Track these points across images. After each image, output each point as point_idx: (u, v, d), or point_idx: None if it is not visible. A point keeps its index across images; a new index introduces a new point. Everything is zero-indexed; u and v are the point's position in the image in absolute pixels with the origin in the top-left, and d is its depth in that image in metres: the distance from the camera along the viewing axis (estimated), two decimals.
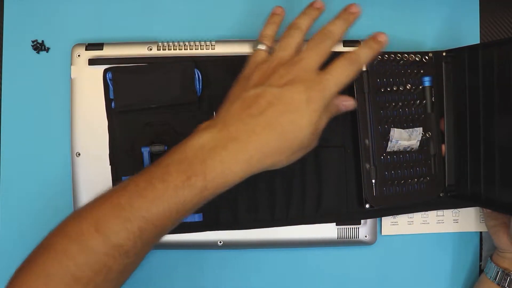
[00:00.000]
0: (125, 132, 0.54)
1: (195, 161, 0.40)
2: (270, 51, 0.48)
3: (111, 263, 0.39)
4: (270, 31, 0.49)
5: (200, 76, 0.54)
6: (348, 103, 0.48)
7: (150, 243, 0.42)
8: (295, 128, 0.42)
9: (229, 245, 0.56)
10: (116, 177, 0.54)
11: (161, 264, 0.58)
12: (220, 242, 0.56)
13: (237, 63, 0.54)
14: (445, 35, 0.61)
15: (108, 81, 0.53)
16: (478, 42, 0.61)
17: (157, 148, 0.53)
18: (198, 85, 0.54)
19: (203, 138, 0.41)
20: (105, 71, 0.54)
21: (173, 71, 0.53)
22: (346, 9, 0.47)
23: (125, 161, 0.54)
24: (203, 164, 0.40)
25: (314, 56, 0.44)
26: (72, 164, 0.55)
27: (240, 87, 0.45)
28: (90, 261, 0.39)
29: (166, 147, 0.53)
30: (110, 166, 0.55)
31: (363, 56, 0.45)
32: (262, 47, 0.48)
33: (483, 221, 0.59)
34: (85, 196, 0.55)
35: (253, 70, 0.46)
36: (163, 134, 0.54)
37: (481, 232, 0.60)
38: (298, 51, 0.46)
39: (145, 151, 0.53)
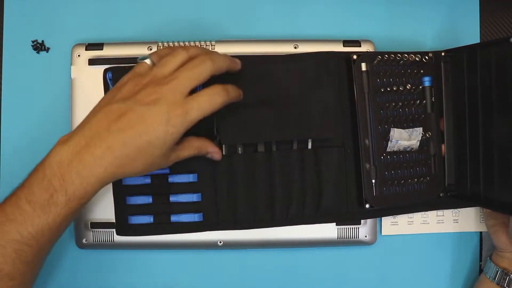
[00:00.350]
0: None
1: (55, 178, 0.42)
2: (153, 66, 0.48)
3: None
4: (163, 52, 0.48)
5: None
6: (215, 155, 0.51)
7: (33, 261, 0.44)
8: (150, 148, 0.43)
9: (229, 245, 0.56)
10: None
11: (161, 264, 0.58)
12: (220, 242, 0.56)
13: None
14: (445, 35, 0.61)
15: (108, 81, 0.53)
16: (478, 42, 0.61)
17: None
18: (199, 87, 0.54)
19: (60, 154, 0.43)
20: (105, 71, 0.54)
21: None
22: (233, 59, 0.50)
23: None
24: (62, 180, 0.42)
25: (186, 79, 0.44)
26: None
27: (108, 97, 0.46)
28: None
29: None
30: None
31: (231, 91, 0.47)
32: (147, 61, 0.47)
33: (483, 221, 0.59)
34: None
35: (127, 82, 0.46)
36: None
37: (481, 232, 0.60)
38: (176, 71, 0.46)
39: None
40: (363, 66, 0.52)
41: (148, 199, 0.54)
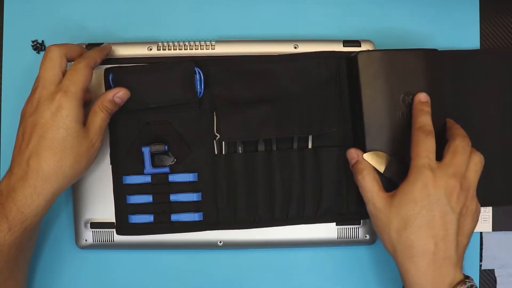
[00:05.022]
0: (126, 132, 0.54)
1: None
2: None
3: None
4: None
5: (202, 76, 0.54)
6: (120, 93, 0.51)
7: None
8: (58, 142, 0.47)
9: (229, 245, 0.56)
10: (117, 177, 0.55)
11: (161, 264, 0.58)
12: (220, 242, 0.56)
13: (238, 63, 0.54)
14: (445, 35, 0.60)
15: (110, 81, 0.53)
16: (478, 42, 0.61)
17: (157, 147, 0.53)
18: (200, 85, 0.54)
19: (1, 185, 0.48)
20: (107, 71, 0.53)
21: (174, 72, 0.53)
22: (100, 48, 0.53)
23: (126, 160, 0.54)
24: (2, 208, 0.47)
25: (49, 71, 0.48)
26: None
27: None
28: None
29: (166, 147, 0.53)
30: (110, 166, 0.55)
31: (91, 56, 0.50)
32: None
33: (484, 221, 0.59)
34: (84, 196, 0.55)
35: (25, 110, 0.50)
36: (164, 134, 0.54)
37: (481, 232, 0.60)
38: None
39: (146, 150, 0.53)
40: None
41: (149, 198, 0.54)
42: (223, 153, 0.54)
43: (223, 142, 0.54)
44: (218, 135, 0.54)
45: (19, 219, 0.47)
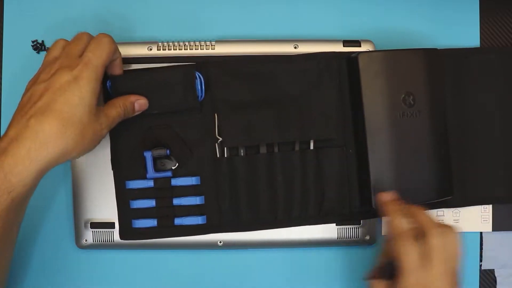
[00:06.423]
0: (127, 137, 0.54)
1: None
2: None
3: None
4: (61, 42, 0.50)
5: (202, 80, 0.53)
6: (141, 101, 0.51)
7: None
8: (69, 107, 0.44)
9: (229, 245, 0.56)
10: (119, 182, 0.54)
11: (161, 264, 0.58)
12: (220, 242, 0.56)
13: (238, 64, 0.54)
14: (446, 34, 0.60)
15: (108, 89, 0.52)
16: (478, 41, 0.61)
17: (159, 151, 0.53)
18: (201, 88, 0.53)
19: None
20: (104, 79, 0.51)
21: (174, 77, 0.53)
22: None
23: (128, 165, 0.54)
24: None
25: (77, 46, 0.47)
26: (72, 168, 0.55)
27: (25, 91, 0.47)
28: None
29: (168, 151, 0.53)
30: (112, 170, 0.54)
31: (108, 39, 0.48)
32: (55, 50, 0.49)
33: (484, 221, 0.59)
34: (84, 196, 0.55)
35: (40, 72, 0.48)
36: (165, 138, 0.54)
37: (481, 232, 0.60)
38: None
39: (148, 155, 0.53)
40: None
41: (152, 203, 0.54)
42: (225, 156, 0.54)
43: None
44: (220, 138, 0.54)
45: (5, 188, 0.42)
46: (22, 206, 0.47)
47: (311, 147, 0.55)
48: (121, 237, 0.55)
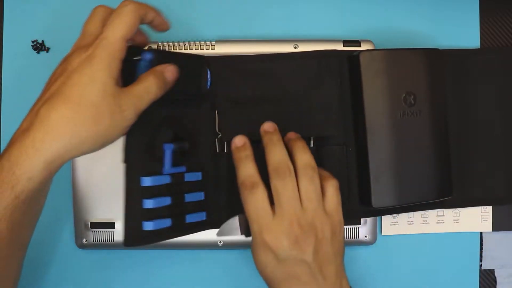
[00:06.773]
0: (140, 128, 0.47)
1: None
2: None
3: None
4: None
5: (208, 70, 0.53)
6: (170, 67, 0.45)
7: None
8: (78, 89, 0.39)
9: (229, 245, 0.56)
10: (132, 179, 0.48)
11: (161, 264, 0.58)
12: (220, 242, 0.56)
13: (239, 61, 0.54)
14: (446, 34, 0.60)
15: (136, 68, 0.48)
16: (478, 41, 0.61)
17: (180, 144, 0.50)
18: (210, 79, 0.53)
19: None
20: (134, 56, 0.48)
21: (192, 62, 0.51)
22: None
23: (143, 159, 0.49)
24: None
25: (91, 24, 0.44)
26: (72, 167, 0.55)
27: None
28: None
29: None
30: (125, 164, 0.48)
31: (129, 8, 0.43)
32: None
33: (484, 221, 0.59)
34: (84, 196, 0.55)
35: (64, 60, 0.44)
36: (180, 131, 0.52)
37: (481, 232, 0.60)
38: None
39: (168, 148, 0.49)
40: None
41: (167, 201, 0.49)
42: (225, 151, 0.54)
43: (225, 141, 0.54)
44: (220, 133, 0.54)
45: (9, 181, 0.38)
46: (31, 207, 0.42)
47: (311, 145, 0.55)
48: (126, 243, 0.47)
